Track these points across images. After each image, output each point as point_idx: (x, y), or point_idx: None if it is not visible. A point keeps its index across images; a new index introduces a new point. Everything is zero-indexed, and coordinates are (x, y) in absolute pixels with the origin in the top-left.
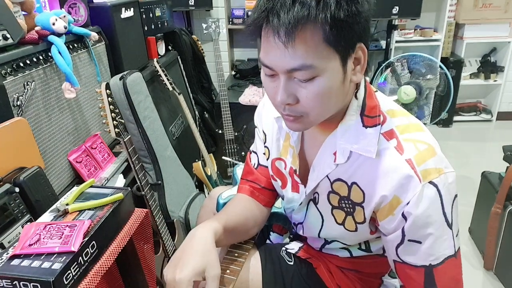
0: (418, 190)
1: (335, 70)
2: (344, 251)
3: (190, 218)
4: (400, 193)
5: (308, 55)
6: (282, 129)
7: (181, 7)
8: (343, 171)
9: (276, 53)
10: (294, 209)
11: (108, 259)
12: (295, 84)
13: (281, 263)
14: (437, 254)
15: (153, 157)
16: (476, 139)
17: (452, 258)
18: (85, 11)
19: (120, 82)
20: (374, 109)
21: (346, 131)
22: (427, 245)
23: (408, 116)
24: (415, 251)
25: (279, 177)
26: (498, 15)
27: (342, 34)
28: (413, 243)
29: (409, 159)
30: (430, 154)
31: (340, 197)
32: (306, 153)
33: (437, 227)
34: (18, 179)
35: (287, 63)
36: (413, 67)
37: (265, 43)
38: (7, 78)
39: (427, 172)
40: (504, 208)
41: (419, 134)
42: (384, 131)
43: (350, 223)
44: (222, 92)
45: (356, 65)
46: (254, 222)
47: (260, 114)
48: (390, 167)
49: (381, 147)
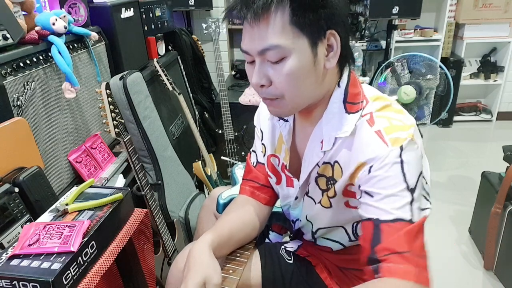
0: (382, 152)
1: (303, 51)
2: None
3: (190, 218)
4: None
5: (274, 36)
6: (276, 126)
7: (181, 7)
8: (328, 156)
9: (249, 37)
10: (291, 205)
11: (107, 259)
12: (267, 66)
13: (280, 262)
14: (386, 209)
15: (153, 157)
16: (476, 139)
17: (405, 222)
18: (85, 11)
19: (120, 82)
20: (357, 96)
21: (330, 119)
22: (377, 198)
23: (391, 101)
24: (366, 204)
25: (274, 174)
26: (498, 15)
27: (306, 16)
28: (367, 195)
29: (378, 130)
30: (403, 128)
31: (326, 178)
32: (298, 147)
33: (391, 183)
34: (17, 179)
35: (257, 44)
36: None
37: (243, 30)
38: (7, 78)
39: (397, 140)
40: (504, 208)
41: (397, 115)
42: (363, 114)
43: (325, 199)
44: (222, 92)
45: (329, 52)
46: (254, 226)
47: (259, 114)
48: (360, 139)
49: (357, 125)
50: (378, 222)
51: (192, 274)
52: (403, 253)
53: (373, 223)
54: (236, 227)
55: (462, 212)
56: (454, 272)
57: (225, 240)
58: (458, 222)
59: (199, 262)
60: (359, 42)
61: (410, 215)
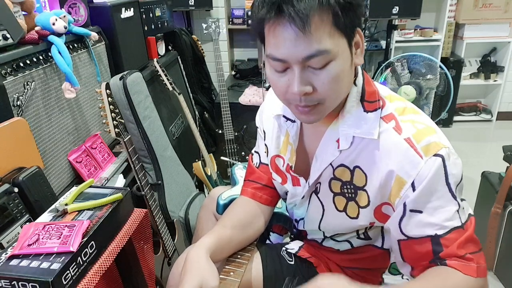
0: (421, 167)
1: (345, 53)
2: (344, 242)
3: (190, 218)
4: (403, 174)
5: (323, 40)
6: (282, 127)
7: (181, 7)
8: (345, 157)
9: (290, 44)
10: (296, 203)
11: (107, 259)
12: (310, 72)
13: (281, 263)
14: (441, 223)
15: (153, 157)
16: (476, 139)
17: (459, 229)
18: (85, 11)
19: (120, 82)
20: (374, 94)
21: (348, 118)
22: (429, 214)
23: (405, 101)
24: (418, 221)
25: (278, 174)
26: (498, 15)
27: (349, 17)
28: (415, 213)
29: (407, 137)
30: (429, 131)
31: (342, 182)
32: (306, 147)
33: (439, 196)
34: (17, 179)
35: (302, 51)
36: (413, 67)
37: (275, 37)
38: (7, 78)
39: (428, 147)
40: (504, 208)
41: (415, 116)
42: (384, 115)
43: (353, 208)
44: (222, 92)
45: (357, 49)
46: (254, 228)
47: (261, 114)
48: (390, 146)
49: (381, 129)
50: (437, 237)
51: (188, 278)
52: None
53: (431, 240)
54: (236, 230)
55: None
56: None
57: (225, 243)
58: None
59: (196, 266)
60: None
61: (460, 221)
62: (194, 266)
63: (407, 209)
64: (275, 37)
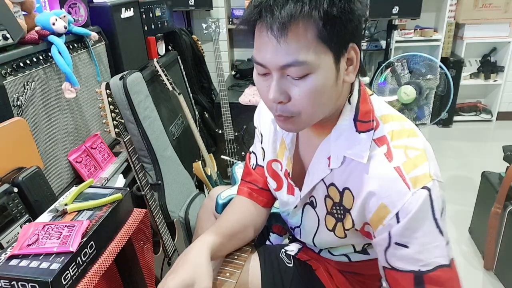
0: (407, 198)
1: (328, 67)
2: (342, 256)
3: (190, 218)
4: (388, 202)
5: (301, 51)
6: (278, 132)
7: (181, 7)
8: (336, 176)
9: (269, 50)
10: (289, 213)
11: (106, 259)
12: (288, 82)
13: (280, 265)
14: (427, 260)
15: (153, 157)
16: (476, 139)
17: (446, 268)
18: (85, 11)
19: (120, 82)
20: (368, 114)
21: (339, 136)
22: (415, 250)
23: (402, 121)
24: (403, 255)
25: (274, 179)
26: (498, 15)
27: (335, 31)
28: (400, 246)
29: (397, 166)
30: (420, 160)
31: (333, 202)
32: (301, 156)
33: (426, 232)
34: (16, 179)
35: (280, 59)
36: (413, 67)
37: (258, 40)
38: (7, 78)
39: (417, 179)
40: (504, 208)
41: (411, 140)
42: (376, 137)
43: (340, 229)
44: (222, 92)
45: (349, 66)
46: (252, 227)
47: (259, 114)
48: (378, 173)
49: (372, 153)
50: (420, 273)
51: (182, 271)
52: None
53: (414, 275)
54: (235, 228)
55: (462, 212)
56: None
57: (225, 241)
58: (458, 222)
59: (193, 262)
60: None
61: (448, 259)
62: (191, 261)
63: (392, 241)
64: (258, 40)
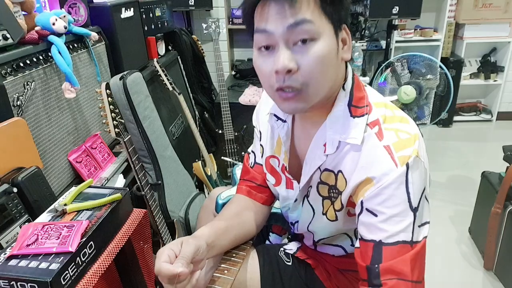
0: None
1: (330, 37)
2: (338, 248)
3: (190, 218)
4: (373, 177)
5: (308, 11)
6: (274, 127)
7: (181, 7)
8: (330, 161)
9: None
10: (290, 207)
11: (106, 259)
12: (294, 51)
13: (279, 264)
14: (390, 231)
15: (153, 157)
16: (476, 139)
17: (406, 245)
18: (85, 11)
19: (120, 82)
20: (362, 100)
21: (334, 122)
22: (380, 219)
23: (394, 109)
24: (370, 223)
25: (273, 175)
26: (498, 15)
27: (335, 6)
28: (369, 213)
29: (387, 145)
30: (411, 143)
31: (329, 186)
32: (297, 149)
33: (396, 203)
34: (16, 179)
35: (288, 19)
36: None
37: (262, 14)
38: (7, 78)
39: (405, 158)
40: (504, 208)
41: (403, 125)
42: (370, 121)
43: (331, 212)
44: (222, 92)
45: (344, 45)
46: (251, 223)
47: (257, 113)
48: (368, 153)
49: (365, 134)
50: (380, 244)
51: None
52: (406, 281)
53: (374, 244)
54: (231, 221)
55: (462, 212)
56: (454, 272)
57: (221, 233)
58: (458, 222)
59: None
60: (359, 42)
61: (411, 236)
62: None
63: (364, 205)
64: (262, 14)
